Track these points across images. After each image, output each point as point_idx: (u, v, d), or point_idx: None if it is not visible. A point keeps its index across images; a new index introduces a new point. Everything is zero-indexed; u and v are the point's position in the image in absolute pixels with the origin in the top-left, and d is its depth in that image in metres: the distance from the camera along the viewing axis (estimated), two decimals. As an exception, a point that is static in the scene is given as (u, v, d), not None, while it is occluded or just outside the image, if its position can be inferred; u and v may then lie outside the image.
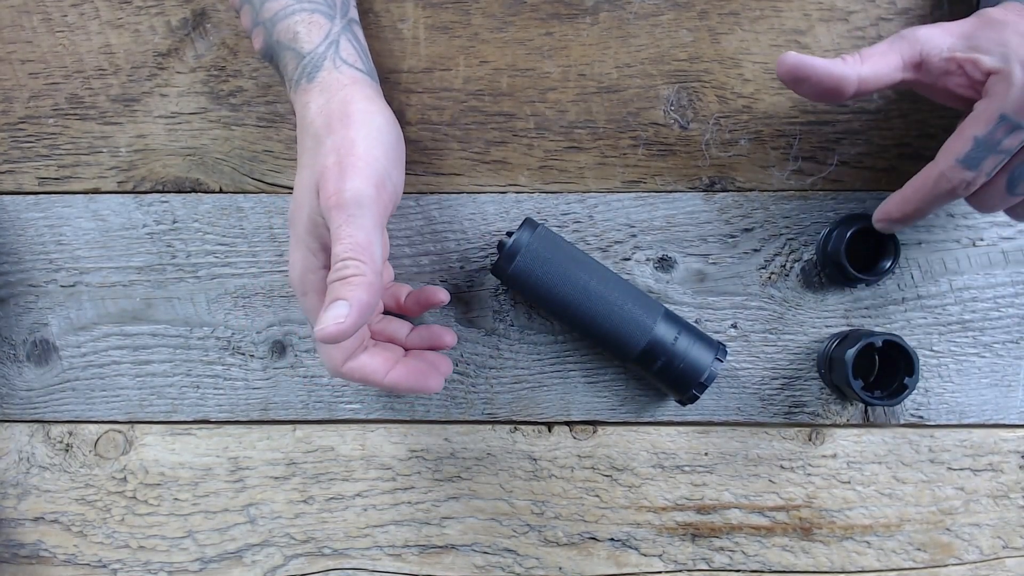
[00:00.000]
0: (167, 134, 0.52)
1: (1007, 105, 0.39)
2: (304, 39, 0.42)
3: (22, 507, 0.53)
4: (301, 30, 0.42)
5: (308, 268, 0.42)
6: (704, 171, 0.51)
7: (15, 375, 0.53)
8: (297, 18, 0.42)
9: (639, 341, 0.46)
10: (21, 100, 0.52)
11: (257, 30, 0.43)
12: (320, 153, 0.41)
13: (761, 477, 0.51)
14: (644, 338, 0.46)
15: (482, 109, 0.51)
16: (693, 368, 0.46)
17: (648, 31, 0.50)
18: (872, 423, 0.51)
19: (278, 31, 0.43)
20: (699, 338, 0.47)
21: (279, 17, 0.43)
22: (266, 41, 0.43)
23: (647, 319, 0.46)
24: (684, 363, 0.46)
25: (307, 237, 0.42)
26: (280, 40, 0.43)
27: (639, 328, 0.46)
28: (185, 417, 0.52)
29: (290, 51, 0.43)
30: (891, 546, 0.51)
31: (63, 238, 0.52)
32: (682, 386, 0.47)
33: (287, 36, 0.42)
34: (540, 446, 0.52)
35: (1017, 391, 0.51)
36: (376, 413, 0.52)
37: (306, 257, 0.42)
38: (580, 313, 0.47)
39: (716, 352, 0.47)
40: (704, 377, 0.46)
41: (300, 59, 0.42)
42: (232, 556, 0.52)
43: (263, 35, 0.43)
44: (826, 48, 0.50)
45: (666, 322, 0.47)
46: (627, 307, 0.46)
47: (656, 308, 0.47)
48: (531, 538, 0.52)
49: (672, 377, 0.47)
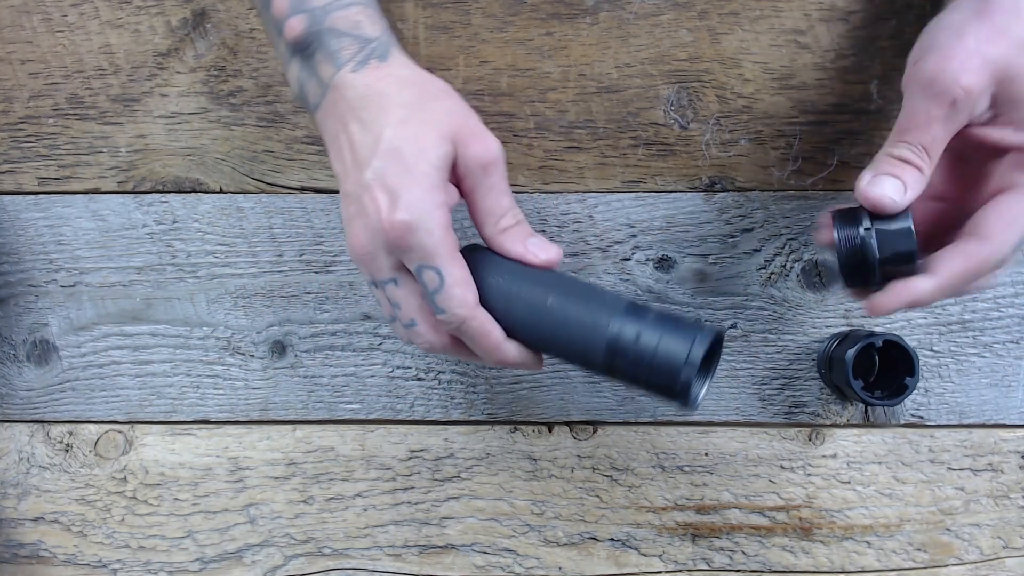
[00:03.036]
0: (167, 134, 0.52)
1: None
2: (367, 27, 0.42)
3: (22, 507, 0.53)
4: (363, 20, 0.42)
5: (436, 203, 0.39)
6: (704, 171, 0.51)
7: (15, 375, 0.53)
8: (356, 9, 0.42)
9: (597, 350, 0.39)
10: (21, 100, 0.52)
11: (300, 17, 0.42)
12: (438, 108, 0.40)
13: (761, 477, 0.51)
14: (600, 345, 0.38)
15: (482, 109, 0.51)
16: (666, 365, 0.38)
17: (648, 31, 0.50)
18: (872, 423, 0.51)
19: (332, 19, 0.42)
20: (672, 328, 0.38)
21: (334, 7, 0.42)
22: (310, 29, 0.42)
23: (600, 321, 0.39)
24: (654, 362, 0.38)
25: (434, 172, 0.39)
26: (335, 27, 0.42)
27: (592, 334, 0.39)
28: (185, 417, 0.52)
29: (349, 37, 0.42)
30: (891, 546, 0.51)
31: (63, 238, 0.52)
32: (664, 388, 0.38)
33: (346, 24, 0.42)
34: (540, 446, 0.52)
35: (1017, 391, 0.51)
36: (376, 413, 0.52)
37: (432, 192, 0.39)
38: (533, 336, 0.40)
39: (692, 339, 0.37)
40: (681, 373, 0.37)
41: (366, 43, 0.42)
42: (232, 556, 0.52)
43: (307, 23, 0.42)
44: (826, 48, 0.50)
45: (625, 319, 0.38)
46: (574, 314, 0.39)
47: (614, 306, 0.39)
48: (531, 538, 0.52)
49: (648, 382, 0.39)
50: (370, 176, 0.38)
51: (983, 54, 0.38)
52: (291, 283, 0.52)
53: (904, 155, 0.39)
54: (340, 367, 0.52)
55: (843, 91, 0.50)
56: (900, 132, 0.40)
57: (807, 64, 0.50)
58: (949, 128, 0.39)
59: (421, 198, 0.38)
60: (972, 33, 0.39)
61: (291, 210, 0.52)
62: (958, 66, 0.38)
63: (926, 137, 0.39)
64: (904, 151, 0.39)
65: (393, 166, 0.38)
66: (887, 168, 0.39)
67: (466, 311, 0.39)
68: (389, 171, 0.38)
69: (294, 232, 0.52)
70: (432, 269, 0.38)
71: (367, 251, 0.39)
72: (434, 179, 0.39)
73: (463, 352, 0.42)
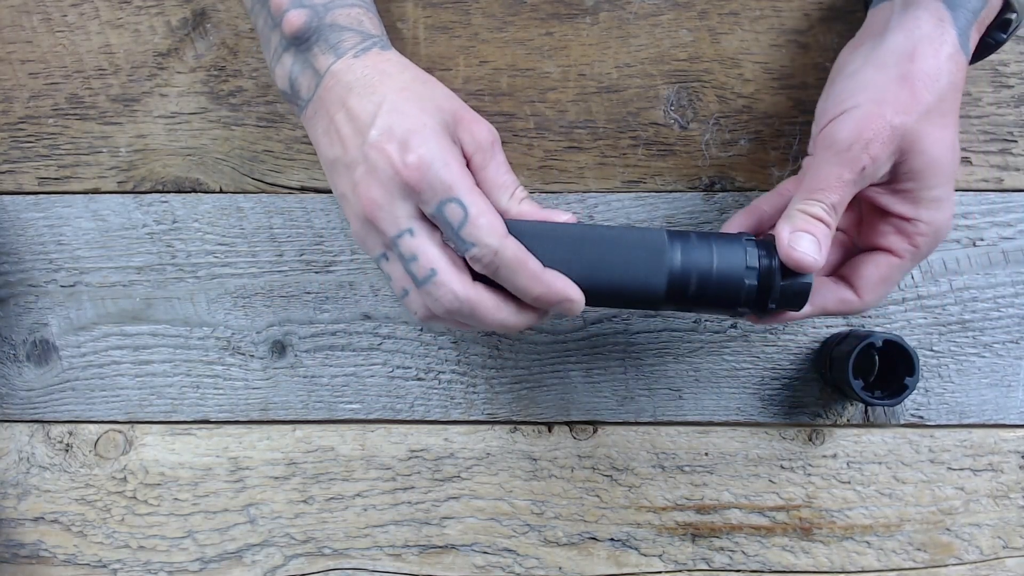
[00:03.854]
0: (167, 134, 0.52)
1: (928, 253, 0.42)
2: (369, 25, 0.43)
3: (22, 507, 0.53)
4: (365, 19, 0.43)
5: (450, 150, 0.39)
6: (704, 171, 0.51)
7: (15, 375, 0.53)
8: (359, 10, 0.43)
9: (659, 284, 0.40)
10: (21, 100, 0.52)
11: (300, 11, 0.42)
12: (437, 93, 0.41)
13: (761, 477, 0.51)
14: (662, 279, 0.40)
15: (482, 109, 0.51)
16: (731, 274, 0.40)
17: (648, 31, 0.50)
18: (872, 423, 0.51)
19: (335, 16, 0.42)
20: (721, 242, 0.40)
21: (336, 4, 0.42)
22: (310, 23, 0.42)
23: (654, 257, 0.40)
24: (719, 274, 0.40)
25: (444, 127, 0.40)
26: (337, 22, 0.42)
27: (651, 270, 0.40)
28: (185, 417, 0.52)
29: (351, 31, 0.42)
30: (891, 546, 0.51)
31: (63, 238, 0.52)
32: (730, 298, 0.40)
33: (348, 20, 0.42)
34: (540, 446, 0.52)
35: (1017, 391, 0.51)
36: (376, 413, 0.52)
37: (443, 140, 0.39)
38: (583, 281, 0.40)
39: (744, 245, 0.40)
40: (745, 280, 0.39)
41: (367, 37, 0.42)
42: (232, 556, 0.52)
43: (307, 16, 0.42)
44: (826, 48, 0.50)
45: (675, 246, 0.40)
46: (626, 256, 0.40)
47: (657, 239, 0.40)
48: (531, 538, 0.52)
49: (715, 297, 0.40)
50: (375, 134, 0.39)
51: (895, 125, 0.39)
52: (291, 283, 0.52)
53: (818, 213, 0.40)
54: (340, 367, 0.52)
55: (843, 91, 0.50)
56: (812, 190, 0.41)
57: (807, 64, 0.50)
58: (855, 190, 0.41)
59: (432, 139, 0.38)
60: (891, 102, 0.39)
61: (291, 210, 0.52)
62: (871, 135, 0.39)
63: (835, 197, 0.40)
64: (817, 209, 0.40)
65: (399, 120, 0.39)
66: (803, 225, 0.40)
67: (496, 239, 0.38)
68: (395, 124, 0.38)
69: (294, 232, 0.52)
70: (454, 201, 0.38)
71: (379, 205, 0.38)
72: (440, 132, 0.39)
73: (485, 309, 0.40)
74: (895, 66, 0.40)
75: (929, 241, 0.41)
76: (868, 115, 0.39)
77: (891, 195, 0.41)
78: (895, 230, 0.42)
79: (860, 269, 0.42)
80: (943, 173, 0.40)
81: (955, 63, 0.40)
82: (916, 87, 0.39)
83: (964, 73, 0.40)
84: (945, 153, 0.40)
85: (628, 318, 0.51)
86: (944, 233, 0.42)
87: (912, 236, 0.41)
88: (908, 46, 0.40)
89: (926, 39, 0.40)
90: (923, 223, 0.41)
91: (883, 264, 0.42)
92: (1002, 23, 0.42)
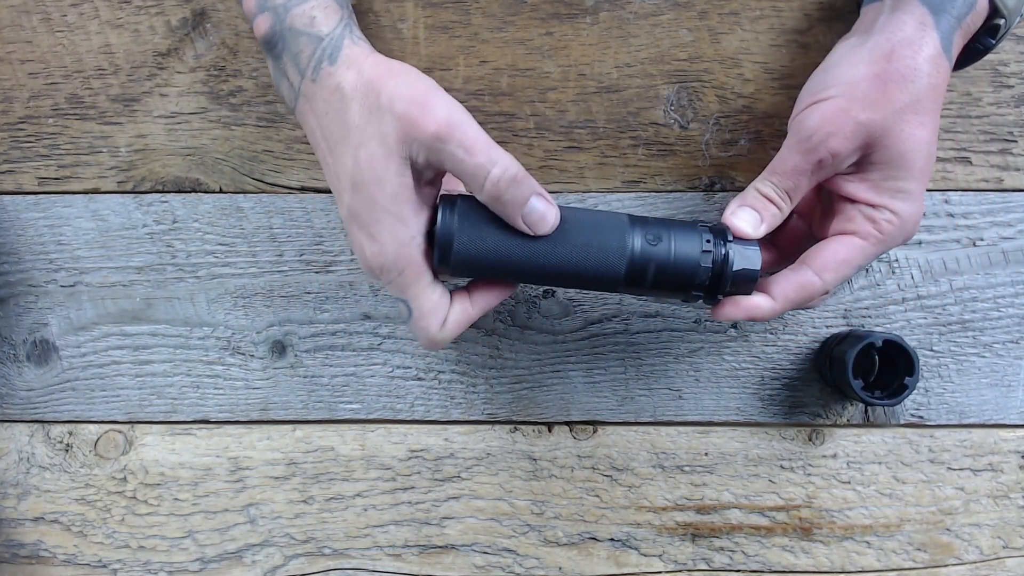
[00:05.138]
0: (167, 134, 0.52)
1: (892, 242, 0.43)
2: (322, 23, 0.43)
3: (22, 507, 0.53)
4: (318, 15, 0.43)
5: (402, 242, 0.41)
6: (704, 171, 0.51)
7: (15, 375, 0.53)
8: (313, 3, 0.43)
9: (618, 267, 0.41)
10: (21, 100, 0.52)
11: (265, 16, 0.43)
12: (384, 113, 0.40)
13: (761, 477, 0.51)
14: (622, 262, 0.41)
15: (482, 109, 0.51)
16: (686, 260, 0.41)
17: (648, 31, 0.50)
18: (872, 423, 0.51)
19: (292, 16, 0.43)
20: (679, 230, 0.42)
21: (293, 3, 0.43)
22: (274, 27, 0.43)
23: (615, 239, 0.41)
24: (676, 260, 0.41)
25: (395, 204, 0.40)
26: (294, 26, 0.43)
27: (612, 252, 0.41)
28: (185, 417, 0.52)
29: (306, 36, 0.42)
30: (891, 546, 0.51)
31: (63, 238, 0.52)
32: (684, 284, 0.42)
33: (302, 21, 0.43)
34: (540, 446, 0.52)
35: (1017, 391, 0.51)
36: (376, 413, 0.52)
37: (396, 229, 0.41)
38: (543, 267, 0.41)
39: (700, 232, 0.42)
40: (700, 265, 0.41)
41: (318, 42, 0.42)
42: (232, 556, 0.52)
43: (271, 21, 0.43)
44: (826, 48, 0.50)
45: (635, 231, 0.42)
46: (589, 237, 0.41)
47: (618, 222, 0.42)
48: (531, 538, 0.52)
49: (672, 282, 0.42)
50: (346, 214, 0.42)
51: (860, 121, 0.41)
52: (291, 283, 0.52)
53: (768, 193, 0.43)
54: (340, 367, 0.52)
55: (843, 91, 0.50)
56: (770, 172, 0.43)
57: (807, 64, 0.50)
58: (813, 180, 0.43)
59: (390, 240, 0.41)
60: (860, 99, 0.41)
61: (291, 210, 0.52)
62: (833, 129, 0.41)
63: (790, 183, 0.43)
64: (769, 190, 0.43)
65: (360, 203, 0.41)
66: (750, 201, 0.43)
67: (428, 339, 0.43)
68: (358, 209, 0.41)
69: (294, 232, 0.52)
70: (401, 302, 0.42)
71: (371, 273, 0.42)
72: (398, 211, 0.41)
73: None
74: (872, 64, 0.41)
75: (894, 231, 0.42)
76: (835, 109, 0.41)
77: (859, 182, 0.42)
78: (862, 216, 0.43)
79: (821, 250, 0.43)
80: (912, 167, 0.41)
81: (935, 65, 0.41)
82: (889, 86, 0.40)
83: (946, 76, 0.42)
84: (916, 149, 0.41)
85: (628, 318, 0.51)
86: (911, 228, 0.42)
87: (878, 222, 0.42)
88: (887, 47, 0.41)
89: (906, 41, 0.41)
90: (888, 211, 0.42)
91: (845, 245, 0.43)
92: (990, 28, 0.42)
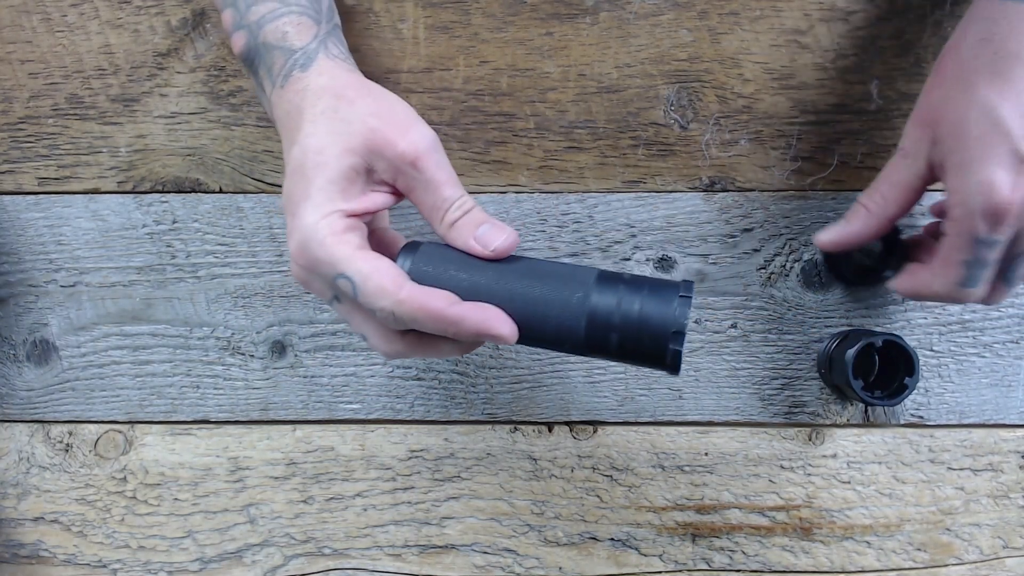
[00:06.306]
0: (167, 134, 0.52)
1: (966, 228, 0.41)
2: (294, 37, 0.42)
3: (22, 507, 0.53)
4: (290, 30, 0.42)
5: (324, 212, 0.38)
6: (704, 171, 0.51)
7: (15, 375, 0.53)
8: (285, 19, 0.43)
9: (578, 326, 0.37)
10: (21, 100, 0.52)
11: (240, 33, 0.43)
12: (354, 122, 0.39)
13: (761, 477, 0.51)
14: (581, 320, 0.37)
15: (482, 109, 0.51)
16: (656, 327, 0.36)
17: (648, 31, 0.50)
18: (872, 423, 0.51)
19: (265, 33, 0.43)
20: (650, 290, 0.37)
21: (266, 20, 0.43)
22: (249, 44, 0.43)
23: (576, 295, 0.37)
24: (642, 326, 0.37)
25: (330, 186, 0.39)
26: (267, 41, 0.43)
27: (570, 310, 0.37)
28: (185, 417, 0.52)
29: (279, 50, 0.42)
30: (891, 546, 0.51)
31: (63, 238, 0.52)
32: (654, 354, 0.37)
33: (275, 37, 0.42)
34: (540, 446, 0.52)
35: (1017, 391, 0.51)
36: (376, 413, 0.52)
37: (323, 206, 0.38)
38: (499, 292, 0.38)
39: (676, 294, 0.37)
40: (673, 329, 0.36)
41: (291, 54, 0.42)
42: (232, 556, 0.52)
43: (246, 38, 0.43)
44: (826, 48, 0.50)
45: (602, 289, 0.37)
46: (548, 293, 0.38)
47: (585, 277, 0.38)
48: (531, 538, 0.52)
49: (638, 349, 0.37)
50: (283, 200, 0.40)
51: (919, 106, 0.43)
52: (291, 283, 0.52)
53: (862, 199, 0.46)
54: (340, 367, 0.52)
55: (843, 91, 0.50)
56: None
57: (807, 64, 0.50)
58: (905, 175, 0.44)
59: (310, 213, 0.38)
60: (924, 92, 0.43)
61: (291, 210, 0.52)
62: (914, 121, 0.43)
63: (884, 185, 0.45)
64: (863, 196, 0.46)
65: (295, 184, 0.39)
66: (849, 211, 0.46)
67: (389, 300, 0.37)
68: (291, 190, 0.39)
69: (294, 232, 0.52)
70: (342, 276, 0.38)
71: (301, 279, 0.40)
72: (329, 191, 0.38)
73: (427, 348, 0.40)
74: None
75: (961, 213, 0.40)
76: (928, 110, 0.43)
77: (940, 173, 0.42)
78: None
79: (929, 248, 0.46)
80: (965, 136, 0.40)
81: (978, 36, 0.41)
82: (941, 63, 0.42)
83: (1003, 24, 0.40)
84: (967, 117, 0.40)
85: (628, 318, 0.51)
86: (973, 202, 0.39)
87: (949, 209, 0.41)
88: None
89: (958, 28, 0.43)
90: (951, 192, 0.41)
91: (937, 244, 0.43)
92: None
